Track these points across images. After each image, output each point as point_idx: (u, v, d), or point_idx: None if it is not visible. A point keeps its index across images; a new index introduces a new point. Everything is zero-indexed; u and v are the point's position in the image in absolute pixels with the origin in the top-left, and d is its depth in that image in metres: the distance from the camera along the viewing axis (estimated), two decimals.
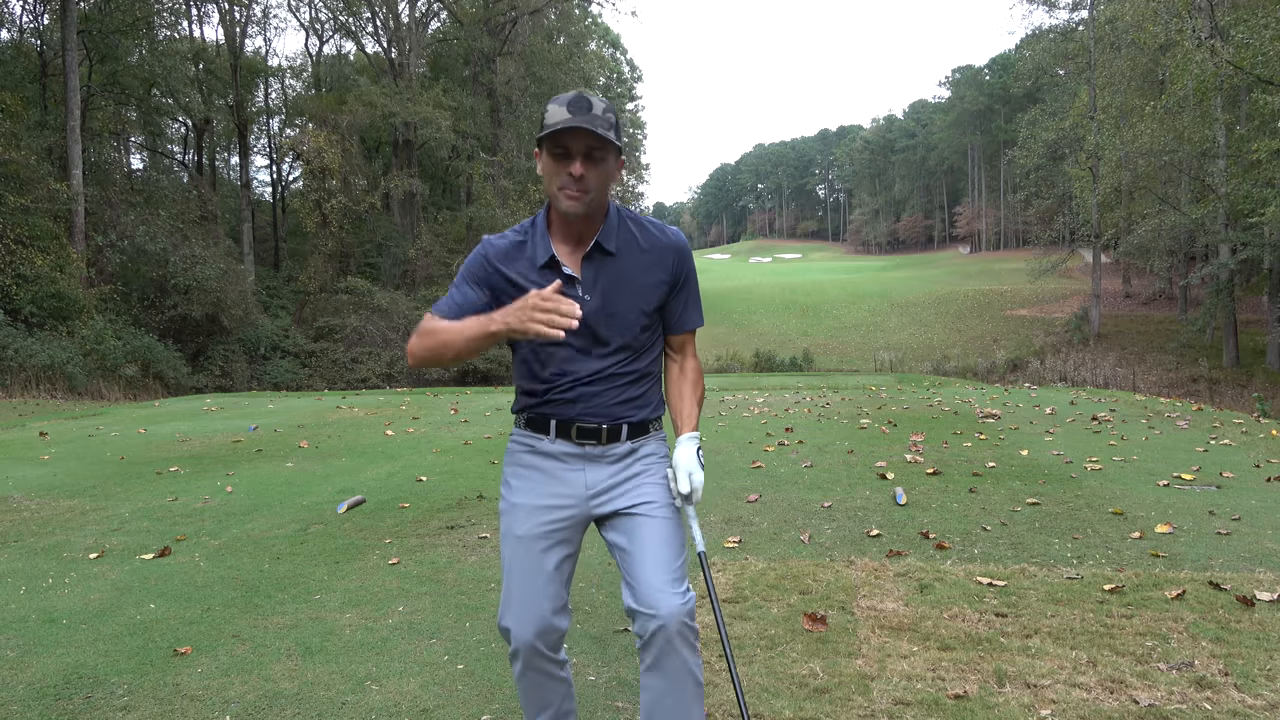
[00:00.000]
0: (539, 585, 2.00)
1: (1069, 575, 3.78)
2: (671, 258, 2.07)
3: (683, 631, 1.90)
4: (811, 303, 53.88)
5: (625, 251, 2.03)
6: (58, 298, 20.40)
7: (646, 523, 1.99)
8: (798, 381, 16.27)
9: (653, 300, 2.05)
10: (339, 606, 3.66)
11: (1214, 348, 31.36)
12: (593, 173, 1.91)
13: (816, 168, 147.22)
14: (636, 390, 2.06)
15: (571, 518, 2.04)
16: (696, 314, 2.16)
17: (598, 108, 1.89)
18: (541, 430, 2.06)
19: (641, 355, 2.07)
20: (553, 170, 1.92)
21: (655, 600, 1.90)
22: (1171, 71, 25.96)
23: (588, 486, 2.04)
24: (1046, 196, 46.36)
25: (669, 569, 1.94)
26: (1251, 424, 8.65)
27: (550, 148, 1.90)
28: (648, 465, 2.07)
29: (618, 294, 2.01)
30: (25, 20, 27.84)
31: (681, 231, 2.12)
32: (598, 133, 1.86)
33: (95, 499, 5.95)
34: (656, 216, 5.46)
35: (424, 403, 12.30)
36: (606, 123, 1.89)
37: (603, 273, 2.00)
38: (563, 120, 1.85)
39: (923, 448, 7.18)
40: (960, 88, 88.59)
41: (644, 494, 2.04)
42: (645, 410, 2.08)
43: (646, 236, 2.06)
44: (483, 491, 5.87)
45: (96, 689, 2.90)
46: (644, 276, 2.03)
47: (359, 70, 38.97)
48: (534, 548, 2.01)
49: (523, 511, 2.04)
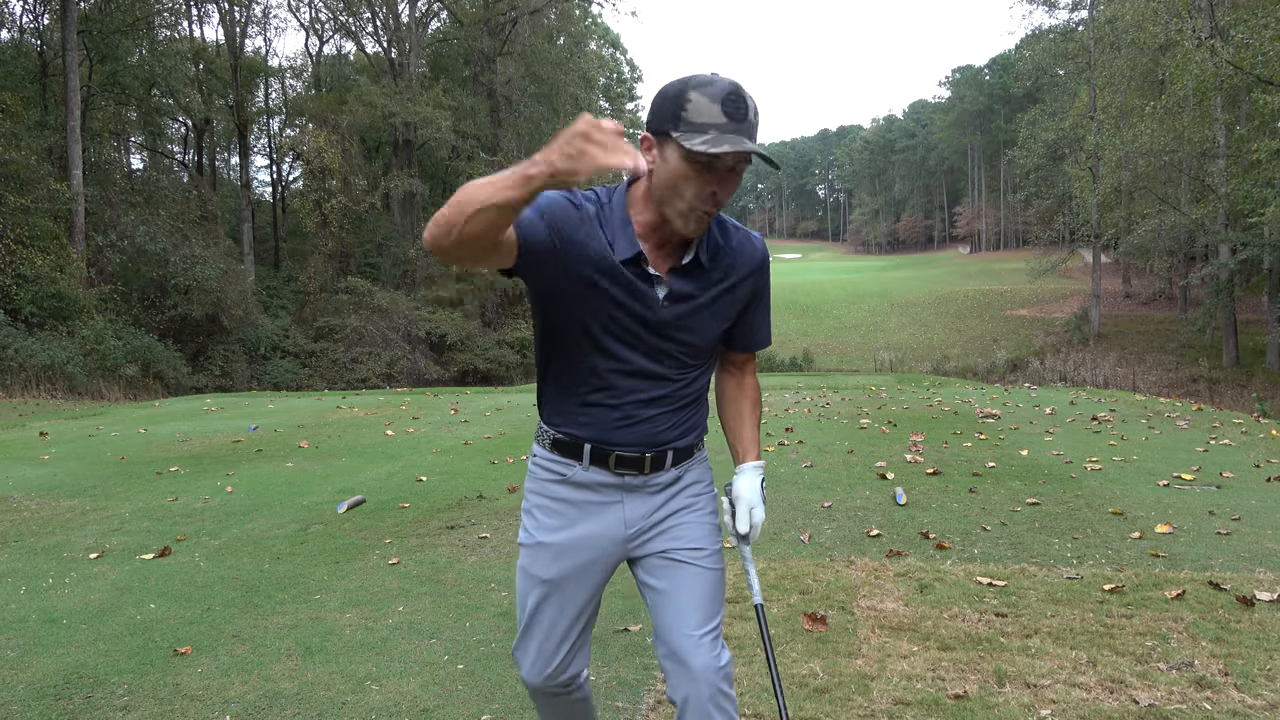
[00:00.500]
0: (560, 633, 1.80)
1: (1069, 575, 3.78)
2: (755, 269, 1.77)
3: (716, 698, 1.68)
4: (811, 303, 53.87)
5: (717, 262, 1.72)
6: (58, 298, 20.40)
7: (690, 570, 1.74)
8: (798, 381, 16.27)
9: (731, 317, 1.78)
10: (339, 606, 3.66)
11: (1214, 348, 31.35)
12: (728, 187, 1.58)
13: (816, 168, 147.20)
14: (689, 414, 1.81)
15: (606, 559, 1.79)
16: (767, 331, 1.89)
17: (753, 110, 1.53)
18: (573, 455, 1.76)
19: (699, 374, 1.80)
20: (684, 181, 1.54)
21: (688, 652, 1.68)
22: (1171, 71, 25.94)
23: (626, 525, 1.77)
24: (1046, 196, 46.38)
25: (708, 622, 1.72)
26: (1251, 424, 8.65)
27: (694, 154, 1.51)
28: (694, 499, 1.81)
29: (703, 311, 1.71)
30: (25, 20, 27.85)
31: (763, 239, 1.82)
32: (758, 154, 1.52)
33: (95, 499, 5.95)
34: None
35: (424, 403, 12.30)
36: (756, 129, 1.56)
37: (690, 284, 1.69)
38: (716, 130, 1.49)
39: (923, 448, 7.18)
40: (960, 88, 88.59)
41: (689, 536, 1.78)
42: (693, 434, 1.82)
43: (733, 243, 1.74)
44: (483, 491, 5.87)
45: (96, 689, 2.90)
46: (728, 291, 1.74)
47: (359, 70, 38.99)
48: (559, 594, 1.78)
49: (550, 553, 1.78)
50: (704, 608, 1.73)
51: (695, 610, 1.72)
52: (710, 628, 1.72)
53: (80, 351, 19.61)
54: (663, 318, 1.67)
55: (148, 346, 22.29)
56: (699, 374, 1.79)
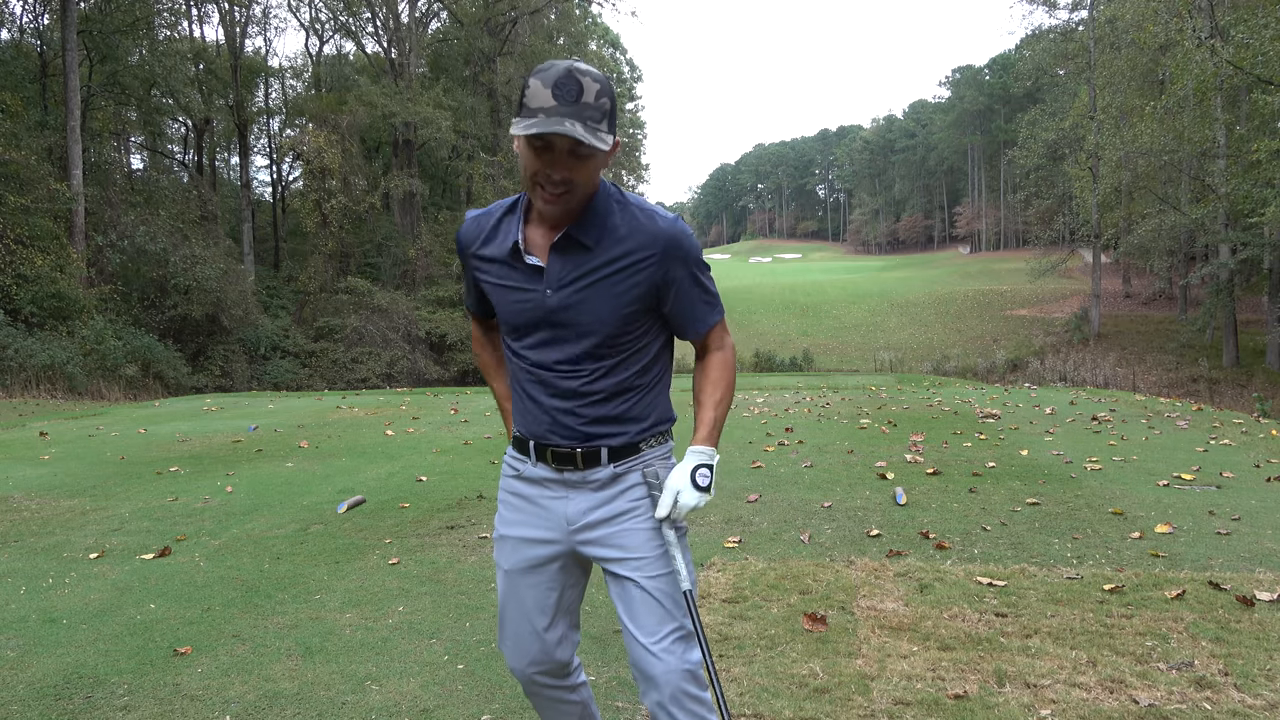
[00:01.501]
0: (527, 622, 1.86)
1: (1069, 575, 3.78)
2: (658, 250, 1.71)
3: (679, 699, 1.71)
4: (811, 303, 53.88)
5: (604, 243, 1.71)
6: (58, 298, 20.40)
7: (631, 584, 1.77)
8: (798, 381, 16.27)
9: (631, 302, 1.72)
10: (339, 606, 3.66)
11: (1214, 348, 31.35)
12: (579, 172, 1.63)
13: (816, 168, 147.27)
14: (617, 407, 1.77)
15: (557, 554, 1.85)
16: (706, 312, 1.82)
17: (589, 92, 1.57)
18: (524, 452, 1.85)
19: (624, 365, 1.77)
20: (530, 163, 1.63)
21: (646, 661, 1.73)
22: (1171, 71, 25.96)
23: (569, 520, 1.81)
24: (1046, 196, 46.38)
25: (661, 627, 1.74)
26: (1251, 424, 8.65)
27: (530, 138, 1.60)
28: (634, 503, 1.79)
29: (589, 294, 1.71)
30: (25, 20, 27.85)
31: (680, 219, 1.77)
32: (583, 141, 1.57)
33: (95, 499, 5.95)
34: None
35: (424, 403, 12.30)
36: (599, 112, 1.58)
37: (573, 267, 1.71)
38: (544, 113, 1.56)
39: (923, 448, 7.18)
40: (960, 88, 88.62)
41: (628, 545, 1.78)
42: (631, 430, 1.79)
43: (631, 224, 1.72)
44: (483, 491, 5.87)
45: (96, 689, 2.90)
46: (622, 273, 1.71)
47: (359, 70, 38.98)
48: (520, 583, 1.86)
49: (509, 545, 1.88)
50: (655, 614, 1.74)
51: (647, 618, 1.75)
52: (665, 632, 1.74)
53: (80, 351, 19.61)
54: (550, 304, 1.72)
55: (148, 346, 22.30)
56: (621, 364, 1.76)
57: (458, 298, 32.55)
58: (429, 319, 30.84)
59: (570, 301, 1.72)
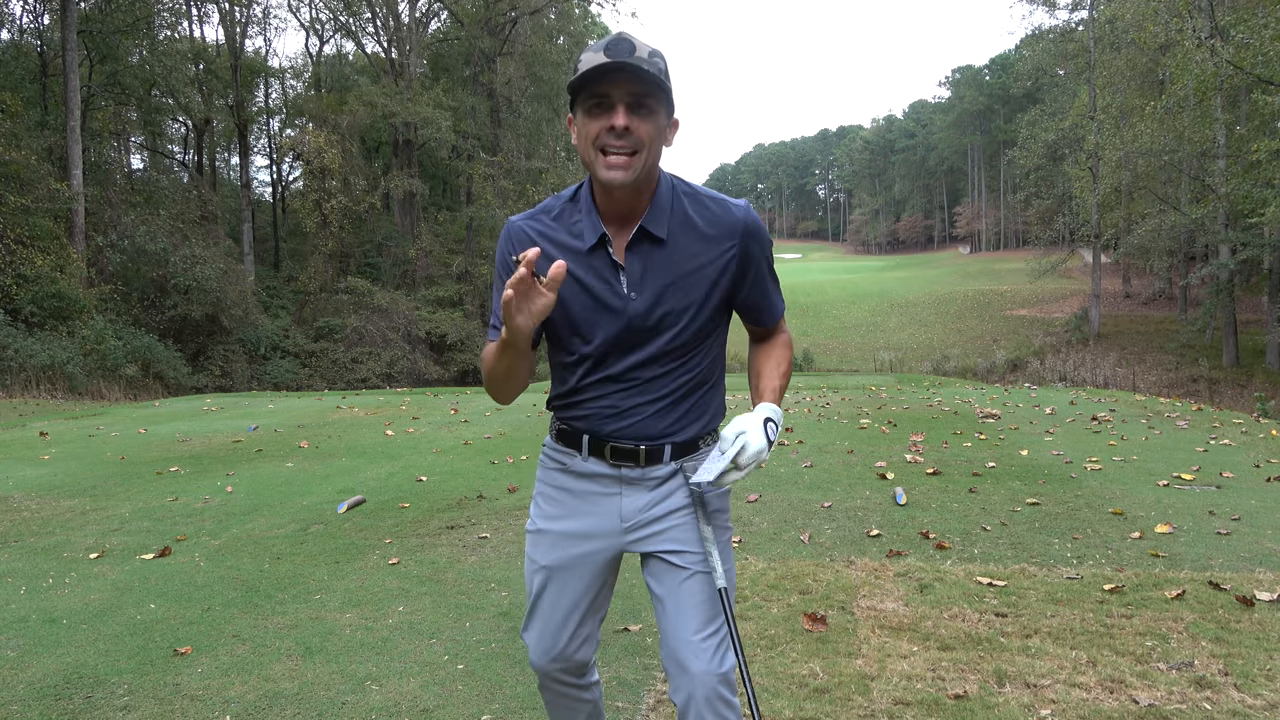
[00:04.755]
0: (560, 619, 1.81)
1: (1069, 575, 3.78)
2: (737, 240, 1.68)
3: (714, 702, 1.66)
4: (811, 303, 53.87)
5: (679, 236, 1.66)
6: (58, 298, 20.41)
7: (685, 575, 1.72)
8: (798, 381, 16.28)
9: (714, 297, 1.69)
10: (339, 606, 3.66)
11: (1214, 348, 31.35)
12: (643, 127, 1.55)
13: (816, 168, 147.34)
14: (686, 405, 1.74)
15: (603, 551, 1.79)
16: (778, 299, 1.81)
17: (642, 50, 1.53)
18: (573, 445, 1.77)
19: (695, 363, 1.73)
20: (590, 129, 1.56)
21: (687, 656, 1.67)
22: (1171, 71, 25.95)
23: (623, 518, 1.76)
24: (1046, 196, 46.41)
25: (707, 625, 1.69)
26: (1251, 424, 8.65)
27: (585, 101, 1.55)
28: (687, 500, 1.77)
29: (669, 291, 1.66)
30: (25, 20, 27.88)
31: (750, 205, 1.73)
32: (646, 72, 1.50)
33: (95, 499, 5.95)
34: None
35: (424, 403, 12.30)
36: (656, 67, 1.53)
37: (651, 264, 1.66)
38: (599, 62, 1.51)
39: (923, 448, 7.18)
40: (960, 88, 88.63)
41: (686, 539, 1.74)
42: (695, 426, 1.76)
43: (706, 215, 1.68)
44: (483, 491, 5.87)
45: (97, 689, 2.90)
46: (702, 268, 1.67)
47: (359, 70, 39.00)
48: (559, 579, 1.80)
49: (549, 539, 1.81)
50: (703, 611, 1.70)
51: (694, 614, 1.70)
52: (710, 631, 1.70)
53: (80, 351, 19.61)
54: (635, 307, 1.65)
55: (148, 346, 22.31)
56: (692, 361, 1.72)
57: (458, 298, 32.57)
58: (429, 319, 30.84)
59: (653, 301, 1.66)
